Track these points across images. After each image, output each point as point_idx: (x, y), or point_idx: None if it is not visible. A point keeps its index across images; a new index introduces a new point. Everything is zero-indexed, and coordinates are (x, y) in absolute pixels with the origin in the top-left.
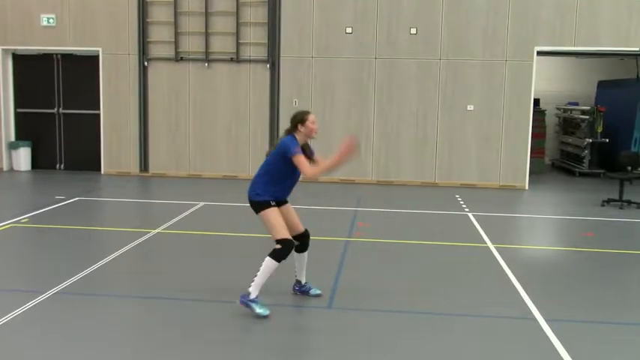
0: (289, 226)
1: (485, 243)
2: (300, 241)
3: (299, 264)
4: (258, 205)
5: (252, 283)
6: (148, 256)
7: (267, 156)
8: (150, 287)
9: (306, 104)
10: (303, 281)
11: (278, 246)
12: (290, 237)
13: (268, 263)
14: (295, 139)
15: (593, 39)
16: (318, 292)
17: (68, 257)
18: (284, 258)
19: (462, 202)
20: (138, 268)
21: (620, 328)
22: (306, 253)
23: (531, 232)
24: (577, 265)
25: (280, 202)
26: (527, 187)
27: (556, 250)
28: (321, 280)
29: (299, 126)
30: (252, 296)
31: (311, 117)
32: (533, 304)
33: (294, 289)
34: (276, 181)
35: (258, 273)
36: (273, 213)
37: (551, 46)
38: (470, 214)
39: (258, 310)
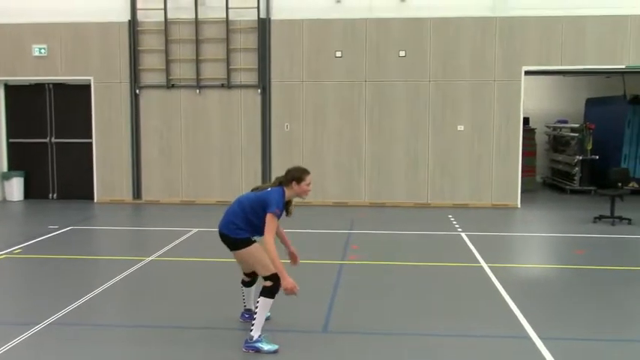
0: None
1: (479, 262)
2: (251, 278)
3: (249, 295)
4: (240, 242)
5: (253, 326)
6: (142, 285)
7: (252, 191)
8: (144, 316)
9: (298, 128)
10: (254, 308)
11: (268, 283)
12: None
13: (264, 302)
14: (284, 194)
15: (580, 57)
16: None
17: (62, 287)
18: (277, 292)
19: (454, 222)
20: (132, 297)
21: (615, 345)
22: (254, 287)
23: (524, 250)
24: (571, 283)
25: None
26: (519, 206)
27: (549, 268)
28: (315, 303)
29: (293, 183)
30: (255, 337)
31: (308, 178)
32: (527, 323)
33: (243, 316)
34: (253, 222)
35: (256, 315)
36: (257, 249)
37: (538, 65)
38: (463, 234)
39: (267, 347)
